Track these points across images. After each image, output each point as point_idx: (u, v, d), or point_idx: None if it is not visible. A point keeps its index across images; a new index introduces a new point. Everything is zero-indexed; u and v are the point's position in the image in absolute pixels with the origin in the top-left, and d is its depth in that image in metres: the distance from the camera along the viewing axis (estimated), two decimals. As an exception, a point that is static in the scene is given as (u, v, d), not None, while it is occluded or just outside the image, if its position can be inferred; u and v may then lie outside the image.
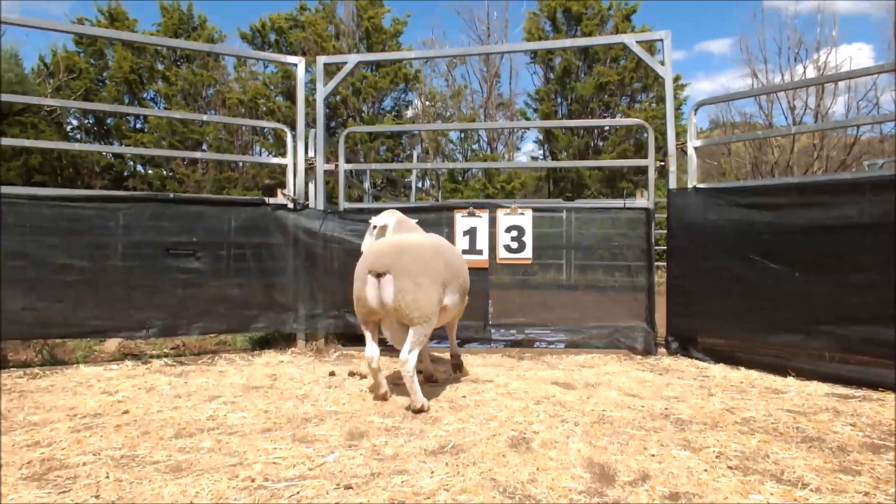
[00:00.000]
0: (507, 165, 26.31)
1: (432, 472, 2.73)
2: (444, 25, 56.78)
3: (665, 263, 6.04)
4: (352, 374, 4.90)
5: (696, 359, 5.45)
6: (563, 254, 7.06)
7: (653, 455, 2.98)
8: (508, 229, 5.94)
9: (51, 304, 5.17)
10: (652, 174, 6.09)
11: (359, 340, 5.89)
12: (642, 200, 6.31)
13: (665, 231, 6.31)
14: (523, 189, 24.06)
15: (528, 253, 5.91)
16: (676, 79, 21.88)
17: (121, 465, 2.82)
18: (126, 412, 3.73)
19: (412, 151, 24.45)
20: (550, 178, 24.82)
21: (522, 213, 5.94)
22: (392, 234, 4.31)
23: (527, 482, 2.64)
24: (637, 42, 6.19)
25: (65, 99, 18.84)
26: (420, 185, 17.72)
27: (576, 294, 6.31)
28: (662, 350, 5.77)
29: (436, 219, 6.09)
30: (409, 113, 27.22)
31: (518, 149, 29.85)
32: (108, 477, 2.67)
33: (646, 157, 6.21)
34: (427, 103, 27.55)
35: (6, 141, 6.31)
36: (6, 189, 5.26)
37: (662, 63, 6.02)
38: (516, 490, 2.56)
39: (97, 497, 2.46)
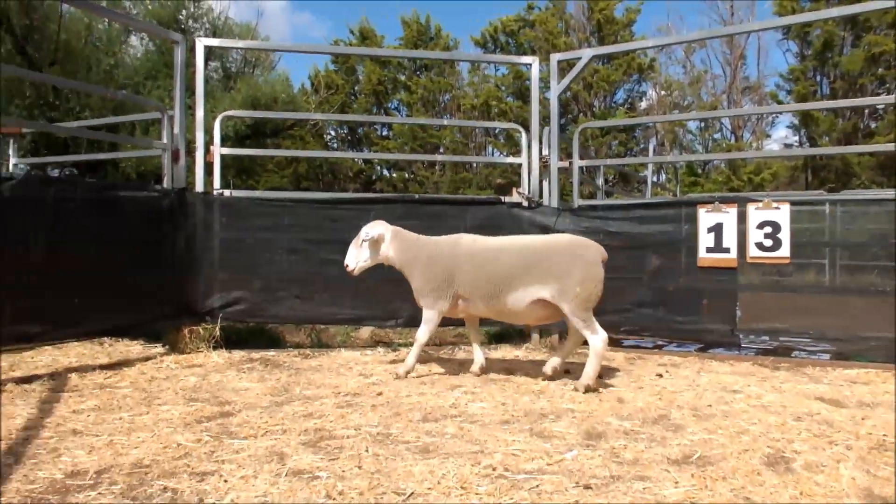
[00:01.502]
0: (755, 155, 24.09)
1: (676, 482, 2.59)
2: (680, 9, 53.42)
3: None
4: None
5: None
6: (826, 252, 6.24)
7: (955, 494, 2.49)
8: (760, 225, 5.38)
9: (318, 294, 5.88)
10: (948, 158, 5.10)
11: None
12: (934, 189, 5.31)
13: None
14: (775, 181, 21.67)
15: (784, 251, 5.30)
16: (979, 41, 18.07)
17: (378, 441, 3.10)
18: (380, 394, 4.10)
19: (647, 144, 23.50)
20: (808, 168, 22.12)
21: (778, 208, 5.35)
22: (392, 244, 4.65)
23: (788, 507, 2.37)
24: (927, 2, 5.23)
25: (325, 113, 21.38)
26: (655, 179, 16.95)
27: (843, 298, 5.53)
28: (964, 369, 4.80)
29: (675, 215, 5.73)
30: (643, 104, 26.19)
31: (768, 136, 27.20)
32: (367, 451, 2.96)
33: (939, 137, 5.22)
34: (663, 93, 26.28)
35: (282, 152, 7.33)
36: (283, 194, 6.10)
37: (964, 23, 5.01)
38: (776, 514, 2.31)
39: (360, 468, 2.74)
